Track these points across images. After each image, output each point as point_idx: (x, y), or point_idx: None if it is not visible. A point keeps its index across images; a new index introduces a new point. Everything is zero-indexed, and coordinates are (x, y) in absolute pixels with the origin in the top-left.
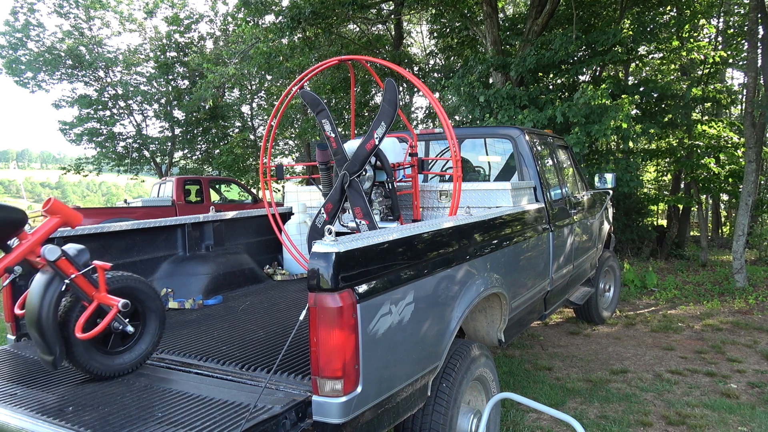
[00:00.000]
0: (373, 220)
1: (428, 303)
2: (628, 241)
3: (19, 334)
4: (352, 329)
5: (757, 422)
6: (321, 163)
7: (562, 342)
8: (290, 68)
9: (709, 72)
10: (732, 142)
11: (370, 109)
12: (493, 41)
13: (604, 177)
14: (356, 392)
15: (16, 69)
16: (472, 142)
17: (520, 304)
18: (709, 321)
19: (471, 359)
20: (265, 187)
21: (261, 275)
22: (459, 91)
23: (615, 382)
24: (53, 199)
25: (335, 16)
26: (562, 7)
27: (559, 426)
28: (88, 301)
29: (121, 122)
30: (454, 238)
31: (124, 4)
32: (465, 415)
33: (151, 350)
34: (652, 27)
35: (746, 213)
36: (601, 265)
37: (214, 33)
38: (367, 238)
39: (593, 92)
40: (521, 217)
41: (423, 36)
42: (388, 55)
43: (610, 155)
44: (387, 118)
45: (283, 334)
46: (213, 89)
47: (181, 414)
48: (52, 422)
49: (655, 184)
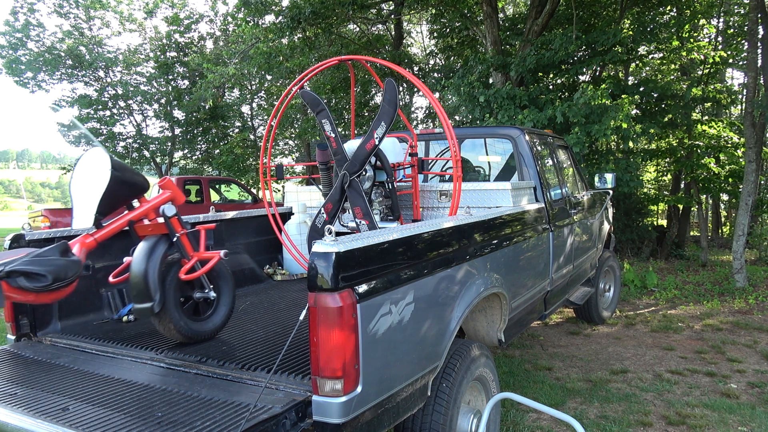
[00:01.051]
0: (373, 220)
1: (428, 303)
2: (628, 241)
3: (19, 334)
4: (352, 329)
5: (757, 422)
6: (321, 163)
7: (562, 342)
8: (290, 68)
9: (709, 72)
10: (732, 142)
11: (370, 109)
12: (493, 41)
13: (604, 177)
14: (356, 392)
15: (16, 69)
16: (472, 142)
17: (520, 304)
18: (709, 321)
19: (471, 359)
20: (265, 187)
21: (261, 275)
22: (459, 91)
23: (615, 382)
24: (167, 178)
25: (335, 16)
26: (562, 7)
27: (559, 426)
28: (187, 258)
29: (121, 122)
30: (454, 238)
31: (124, 4)
32: (465, 415)
33: (225, 320)
34: (652, 27)
35: (746, 213)
36: (601, 265)
37: (214, 33)
38: (367, 238)
39: (593, 92)
40: (521, 217)
41: (423, 36)
42: (388, 55)
43: (610, 155)
44: (387, 118)
45: (283, 334)
46: (213, 89)
47: (181, 414)
48: (52, 422)
49: (655, 184)
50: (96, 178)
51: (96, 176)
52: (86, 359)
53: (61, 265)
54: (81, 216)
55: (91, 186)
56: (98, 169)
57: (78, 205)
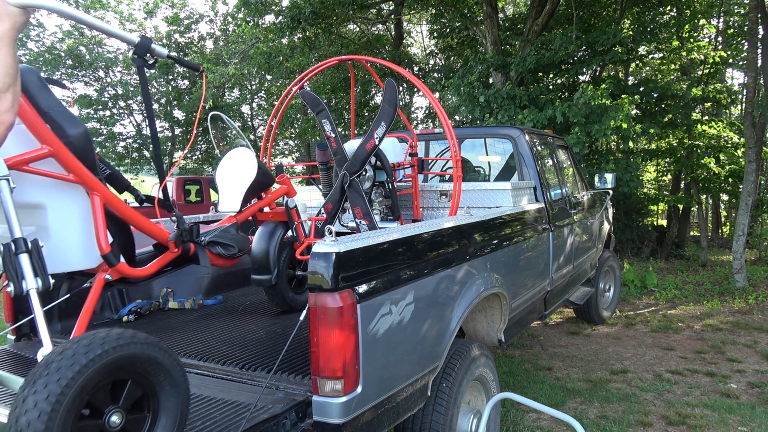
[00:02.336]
0: (373, 220)
1: (428, 303)
2: (628, 241)
3: (19, 334)
4: (352, 329)
5: (757, 422)
6: (321, 163)
7: (562, 342)
8: (290, 68)
9: (709, 72)
10: (732, 142)
11: (370, 109)
12: (493, 41)
13: (604, 177)
14: (356, 392)
15: None
16: (472, 142)
17: (520, 304)
18: (709, 321)
19: (471, 359)
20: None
21: None
22: (459, 91)
23: (615, 382)
24: (285, 175)
25: (335, 16)
26: (562, 7)
27: (559, 426)
28: (299, 242)
29: (121, 122)
30: (454, 238)
31: (124, 4)
32: (465, 415)
33: None
34: (652, 27)
35: (746, 213)
36: (601, 265)
37: (214, 33)
38: (367, 238)
39: (593, 92)
40: (521, 217)
41: (423, 36)
42: (388, 55)
43: (610, 155)
44: (387, 118)
45: (283, 334)
46: (213, 89)
47: None
48: None
49: (655, 184)
50: (243, 173)
51: (243, 171)
52: None
53: (241, 239)
54: (227, 201)
55: (238, 178)
56: (246, 166)
57: (224, 192)
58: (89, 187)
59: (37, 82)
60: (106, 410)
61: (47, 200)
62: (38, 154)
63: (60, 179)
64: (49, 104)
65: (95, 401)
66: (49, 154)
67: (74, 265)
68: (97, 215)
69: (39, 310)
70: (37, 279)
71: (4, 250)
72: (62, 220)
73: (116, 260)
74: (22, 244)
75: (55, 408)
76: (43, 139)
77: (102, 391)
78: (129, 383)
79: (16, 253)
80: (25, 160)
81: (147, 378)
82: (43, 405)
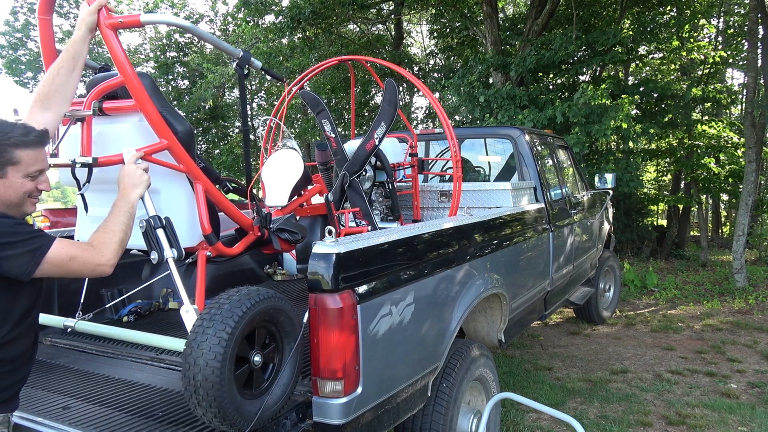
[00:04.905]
0: (374, 221)
1: (428, 304)
2: (628, 241)
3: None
4: (352, 330)
5: (757, 422)
6: (321, 163)
7: (562, 342)
8: (290, 68)
9: (709, 72)
10: (732, 142)
11: (370, 109)
12: (493, 41)
13: (604, 177)
14: (356, 393)
15: (16, 69)
16: (472, 142)
17: (520, 305)
18: (709, 321)
19: (471, 359)
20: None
21: (261, 275)
22: (459, 91)
23: (615, 382)
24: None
25: (335, 16)
26: (562, 7)
27: (559, 426)
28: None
29: None
30: (454, 238)
31: (124, 4)
32: (465, 415)
33: None
34: (652, 27)
35: (746, 213)
36: (601, 265)
37: (214, 33)
38: (367, 239)
39: (593, 92)
40: (521, 217)
41: (423, 36)
42: (388, 55)
43: (610, 155)
44: (387, 118)
45: None
46: (213, 89)
47: (182, 413)
48: (53, 420)
49: (655, 184)
50: (290, 171)
51: (290, 170)
52: (86, 359)
53: (301, 227)
54: (274, 196)
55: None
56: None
57: (270, 187)
58: (194, 176)
59: (151, 85)
60: (251, 353)
61: (161, 186)
62: (159, 147)
63: (173, 169)
64: (161, 104)
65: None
66: (166, 146)
67: (181, 242)
68: (200, 201)
69: (177, 274)
70: (173, 249)
71: (146, 225)
72: (173, 203)
73: (216, 239)
74: (158, 221)
75: (225, 350)
76: (162, 134)
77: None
78: (264, 331)
79: (154, 228)
80: (150, 151)
81: (277, 326)
82: (217, 348)
